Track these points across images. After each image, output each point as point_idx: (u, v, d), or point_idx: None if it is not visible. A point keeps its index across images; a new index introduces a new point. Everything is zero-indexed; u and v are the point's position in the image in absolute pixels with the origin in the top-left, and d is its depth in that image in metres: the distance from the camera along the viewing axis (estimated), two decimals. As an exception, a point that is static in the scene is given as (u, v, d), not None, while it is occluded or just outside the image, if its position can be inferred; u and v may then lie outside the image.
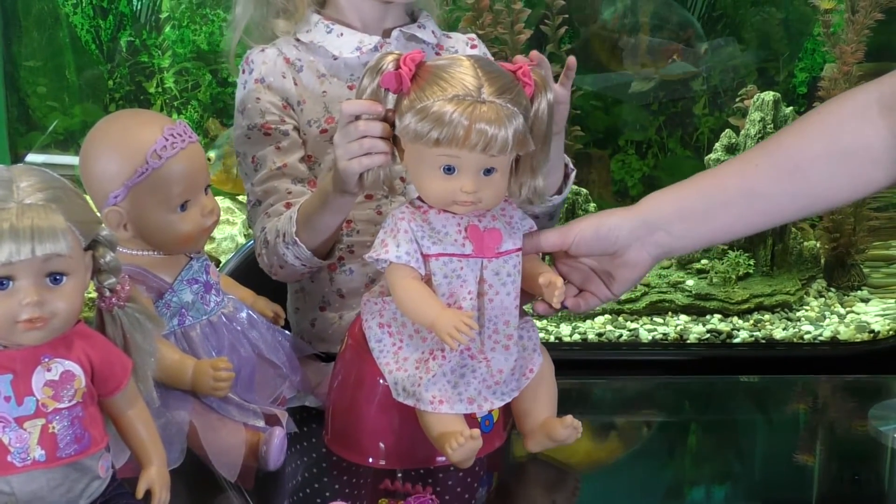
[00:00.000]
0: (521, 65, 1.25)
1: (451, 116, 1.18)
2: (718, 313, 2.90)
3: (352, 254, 1.56)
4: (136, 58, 3.30)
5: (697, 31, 3.18)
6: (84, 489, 1.07)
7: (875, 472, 1.38)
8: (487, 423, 1.32)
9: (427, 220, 1.25)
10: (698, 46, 3.17)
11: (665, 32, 3.20)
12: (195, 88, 3.31)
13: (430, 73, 1.22)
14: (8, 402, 1.02)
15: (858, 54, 2.96)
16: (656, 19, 3.21)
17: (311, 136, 1.55)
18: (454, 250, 1.24)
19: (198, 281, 1.35)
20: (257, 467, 1.30)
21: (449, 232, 1.25)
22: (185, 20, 3.28)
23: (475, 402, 1.27)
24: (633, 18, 3.22)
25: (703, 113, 3.28)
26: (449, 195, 1.23)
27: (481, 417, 1.31)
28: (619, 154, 3.31)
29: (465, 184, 1.22)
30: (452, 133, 1.18)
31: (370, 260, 1.27)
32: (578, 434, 1.29)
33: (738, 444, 1.49)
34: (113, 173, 1.29)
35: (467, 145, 1.19)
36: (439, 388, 1.24)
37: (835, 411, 1.62)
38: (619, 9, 3.23)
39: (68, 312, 1.04)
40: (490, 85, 1.20)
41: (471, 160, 1.21)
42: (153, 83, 3.31)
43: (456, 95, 1.19)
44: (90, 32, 3.29)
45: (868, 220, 3.06)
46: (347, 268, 1.56)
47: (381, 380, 1.29)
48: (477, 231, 1.26)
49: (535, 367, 1.31)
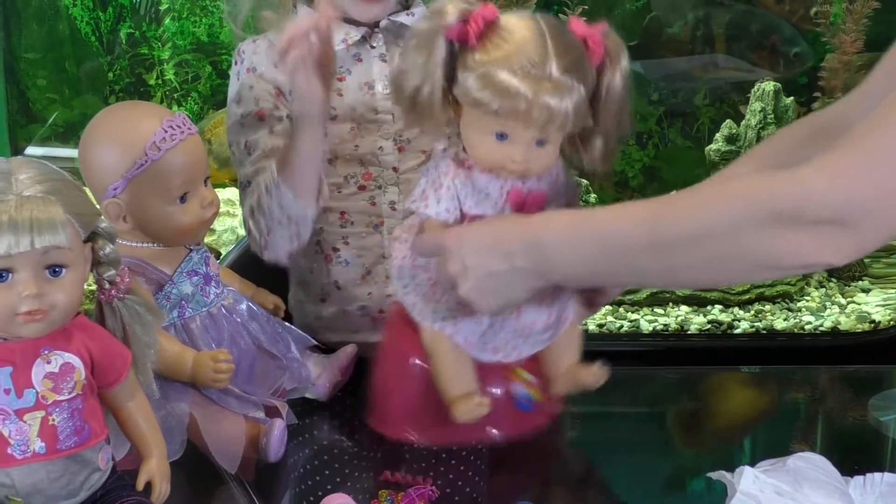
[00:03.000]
0: (594, 32, 1.22)
1: (515, 91, 1.16)
2: (719, 304, 2.89)
3: (347, 245, 1.55)
4: (136, 50, 3.29)
5: (784, 34, 3.12)
6: (84, 481, 1.07)
7: (876, 462, 1.37)
8: (527, 403, 1.32)
9: (471, 177, 1.25)
10: (786, 49, 3.10)
11: (743, 43, 3.16)
12: (195, 80, 3.30)
13: (498, 35, 1.19)
14: (8, 394, 1.02)
15: (858, 44, 2.95)
16: (733, 29, 3.17)
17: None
18: (493, 212, 1.24)
19: (197, 273, 1.35)
20: (257, 459, 1.30)
21: (490, 193, 1.24)
22: (184, 12, 3.28)
23: (501, 351, 1.27)
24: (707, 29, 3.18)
25: (704, 104, 3.27)
26: (498, 160, 1.22)
27: (519, 397, 1.31)
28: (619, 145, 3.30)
29: (516, 153, 1.21)
30: (513, 107, 1.17)
31: (412, 207, 1.27)
32: (602, 381, 1.29)
33: (739, 435, 1.49)
34: (112, 165, 1.29)
35: (526, 121, 1.18)
36: (464, 337, 1.26)
37: (835, 401, 1.62)
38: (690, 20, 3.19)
39: (68, 305, 1.04)
40: (559, 59, 1.17)
41: (526, 133, 1.20)
42: (153, 75, 3.30)
43: (522, 68, 1.16)
44: (90, 24, 3.29)
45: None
46: (343, 259, 1.56)
47: (419, 360, 1.31)
48: (519, 195, 1.25)
49: (571, 317, 1.31)
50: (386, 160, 1.52)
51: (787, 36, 3.09)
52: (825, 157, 1.02)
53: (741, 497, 1.13)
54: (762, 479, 1.14)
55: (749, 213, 1.05)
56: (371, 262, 1.55)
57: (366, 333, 1.56)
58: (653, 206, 1.14)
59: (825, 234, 1.02)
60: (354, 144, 1.52)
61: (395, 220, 1.53)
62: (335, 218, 1.54)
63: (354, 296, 1.57)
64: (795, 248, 1.04)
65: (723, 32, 3.16)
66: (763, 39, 3.11)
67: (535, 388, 1.33)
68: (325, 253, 1.56)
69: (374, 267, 1.55)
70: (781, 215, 1.02)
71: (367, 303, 1.57)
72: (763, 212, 1.04)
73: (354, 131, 1.52)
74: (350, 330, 1.58)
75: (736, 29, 3.15)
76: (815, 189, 1.02)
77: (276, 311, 1.47)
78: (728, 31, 3.15)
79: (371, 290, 1.57)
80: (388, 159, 1.52)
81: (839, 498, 1.14)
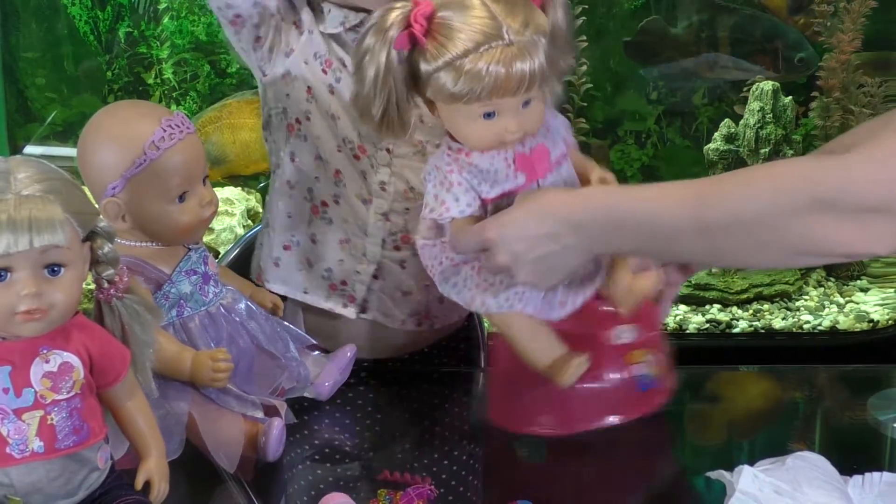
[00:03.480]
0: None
1: (487, 70, 1.15)
2: (718, 303, 2.90)
3: (337, 204, 1.55)
4: (135, 49, 3.29)
5: (789, 40, 3.11)
6: (83, 480, 1.07)
7: (874, 461, 1.37)
8: (646, 382, 1.34)
9: (473, 163, 1.24)
10: (791, 55, 3.09)
11: (746, 46, 3.15)
12: (194, 79, 3.30)
13: (445, 25, 1.17)
14: (6, 393, 1.02)
15: (856, 43, 2.96)
16: (738, 32, 3.16)
17: (294, 96, 1.54)
18: (509, 185, 1.24)
19: (196, 272, 1.35)
20: (256, 458, 1.30)
21: (499, 169, 1.23)
22: (183, 11, 3.28)
23: (566, 303, 1.28)
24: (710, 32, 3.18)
25: (703, 103, 3.27)
26: (494, 137, 1.21)
27: (639, 378, 1.33)
28: (618, 144, 3.30)
29: (509, 124, 1.20)
30: (493, 85, 1.16)
31: (432, 218, 1.26)
32: (660, 286, 1.31)
33: (738, 434, 1.49)
34: (111, 164, 1.29)
35: (507, 92, 1.17)
36: (532, 306, 1.27)
37: (834, 401, 1.62)
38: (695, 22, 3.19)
39: (66, 304, 1.03)
40: (511, 21, 1.16)
41: (510, 102, 1.19)
42: (152, 74, 3.30)
43: (482, 46, 1.15)
44: (88, 23, 3.28)
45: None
46: (329, 217, 1.56)
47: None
48: (525, 158, 1.24)
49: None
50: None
51: (792, 41, 3.09)
52: (870, 145, 1.02)
53: (740, 496, 1.13)
54: (761, 479, 1.14)
55: (793, 199, 1.04)
56: (353, 231, 1.54)
57: (317, 297, 1.58)
58: (696, 188, 1.14)
59: (869, 222, 1.02)
60: (353, 114, 1.51)
61: (383, 201, 1.53)
62: (331, 173, 1.53)
63: (327, 256, 1.56)
64: (838, 235, 1.04)
65: (727, 35, 3.15)
66: (767, 44, 3.11)
67: (653, 366, 1.35)
68: (313, 203, 1.55)
69: (355, 238, 1.55)
70: (825, 202, 1.02)
71: (335, 267, 1.57)
72: (807, 198, 1.03)
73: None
74: (302, 288, 1.58)
75: (740, 33, 3.14)
76: (860, 177, 1.01)
77: (274, 311, 1.47)
78: (732, 34, 3.15)
79: (343, 258, 1.56)
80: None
81: (838, 497, 1.14)
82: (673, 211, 1.13)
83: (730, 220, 1.09)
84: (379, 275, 1.56)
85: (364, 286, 1.57)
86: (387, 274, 1.56)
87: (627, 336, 1.35)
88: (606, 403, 1.34)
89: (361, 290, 1.57)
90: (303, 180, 1.55)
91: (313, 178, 1.54)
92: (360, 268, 1.56)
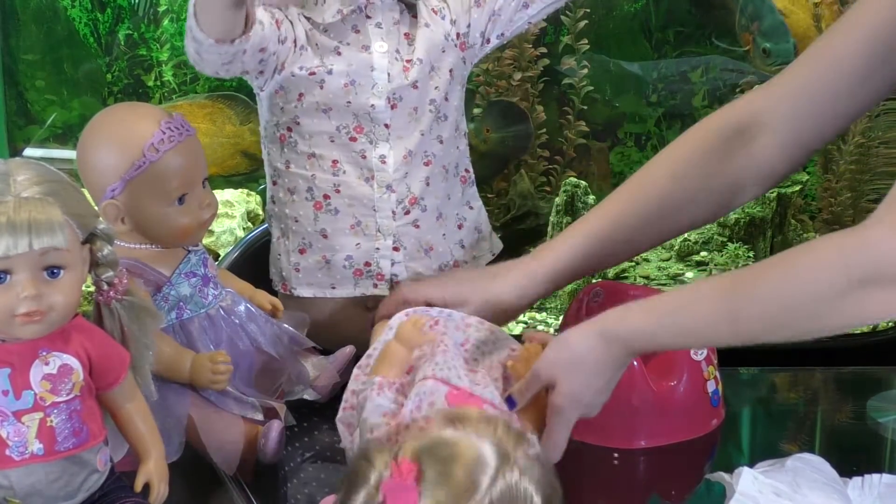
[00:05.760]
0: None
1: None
2: (718, 305, 2.89)
3: (338, 193, 1.55)
4: (135, 51, 3.29)
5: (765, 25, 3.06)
6: (82, 482, 1.07)
7: (874, 463, 1.37)
8: (716, 398, 1.41)
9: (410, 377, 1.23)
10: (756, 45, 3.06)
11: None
12: (194, 81, 3.30)
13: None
14: (6, 395, 1.02)
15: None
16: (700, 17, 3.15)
17: (286, 107, 1.54)
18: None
19: (196, 274, 1.35)
20: (256, 460, 1.30)
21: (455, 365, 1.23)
22: (183, 13, 3.27)
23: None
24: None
25: (703, 105, 3.27)
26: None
27: (712, 394, 1.39)
28: (618, 146, 3.30)
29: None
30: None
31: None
32: None
33: (736, 436, 1.49)
34: (110, 167, 1.29)
35: None
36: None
37: (834, 402, 1.62)
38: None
39: (66, 306, 1.04)
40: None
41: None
42: (151, 76, 3.30)
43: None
44: (88, 26, 3.28)
45: (867, 213, 3.04)
46: (333, 207, 1.56)
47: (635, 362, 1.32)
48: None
49: None
50: (378, 117, 1.52)
51: (767, 28, 3.04)
52: (889, 216, 1.08)
53: (740, 498, 1.13)
54: (761, 480, 1.14)
55: (828, 288, 1.08)
56: (362, 213, 1.55)
57: (346, 288, 1.57)
58: (727, 286, 1.18)
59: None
60: (347, 100, 1.52)
61: (385, 174, 1.54)
62: (328, 165, 1.54)
63: (342, 245, 1.56)
64: (884, 304, 1.08)
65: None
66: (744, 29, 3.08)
67: (719, 382, 1.42)
68: (315, 200, 1.56)
69: (365, 219, 1.55)
70: (861, 281, 1.06)
71: (353, 253, 1.57)
72: (842, 284, 1.07)
73: (348, 87, 1.52)
74: (329, 284, 1.58)
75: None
76: (889, 250, 1.06)
77: (274, 313, 1.47)
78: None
79: (360, 241, 1.56)
80: (381, 116, 1.52)
81: (837, 499, 1.14)
82: (707, 317, 1.17)
83: (765, 316, 1.13)
84: (398, 245, 1.57)
85: (388, 260, 1.57)
86: (405, 240, 1.57)
87: (703, 351, 1.40)
88: (685, 418, 1.38)
89: (386, 265, 1.57)
90: (301, 183, 1.55)
91: (310, 176, 1.55)
92: (379, 244, 1.56)
